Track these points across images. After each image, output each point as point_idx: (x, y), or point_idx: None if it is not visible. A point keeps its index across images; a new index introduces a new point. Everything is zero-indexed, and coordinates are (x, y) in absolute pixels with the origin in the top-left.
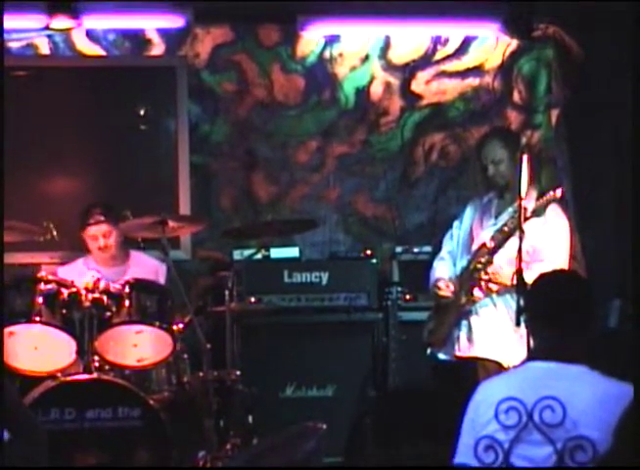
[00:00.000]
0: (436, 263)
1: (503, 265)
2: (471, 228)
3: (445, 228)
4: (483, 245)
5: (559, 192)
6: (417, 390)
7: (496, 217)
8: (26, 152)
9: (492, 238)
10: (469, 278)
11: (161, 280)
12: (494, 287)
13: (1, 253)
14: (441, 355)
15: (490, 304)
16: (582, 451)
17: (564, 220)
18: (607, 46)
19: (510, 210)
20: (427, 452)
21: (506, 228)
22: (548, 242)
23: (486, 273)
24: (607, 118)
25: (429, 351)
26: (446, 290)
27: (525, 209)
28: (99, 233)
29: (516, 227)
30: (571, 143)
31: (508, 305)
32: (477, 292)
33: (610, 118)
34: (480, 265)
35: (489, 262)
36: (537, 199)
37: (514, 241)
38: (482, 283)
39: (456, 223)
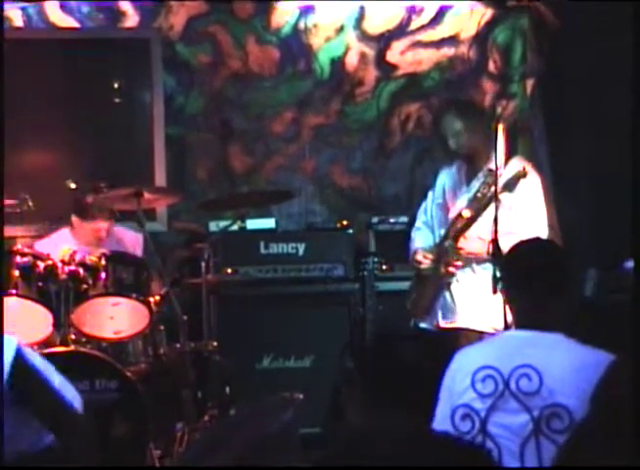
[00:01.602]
0: (414, 234)
1: (474, 236)
2: (444, 197)
3: (422, 199)
4: (459, 215)
5: (528, 167)
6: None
7: (468, 185)
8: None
9: (468, 207)
10: (446, 249)
11: (139, 251)
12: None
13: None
14: (423, 325)
15: (469, 271)
16: (558, 419)
17: (536, 193)
18: (581, 15)
19: (480, 175)
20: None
21: (479, 195)
22: (520, 214)
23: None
24: (581, 88)
25: (412, 321)
26: (424, 261)
27: (497, 176)
28: (97, 226)
29: (489, 196)
30: (546, 112)
31: (488, 271)
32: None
33: (584, 88)
34: (453, 235)
35: (463, 232)
36: (505, 163)
37: (488, 211)
38: (457, 254)
39: (430, 193)
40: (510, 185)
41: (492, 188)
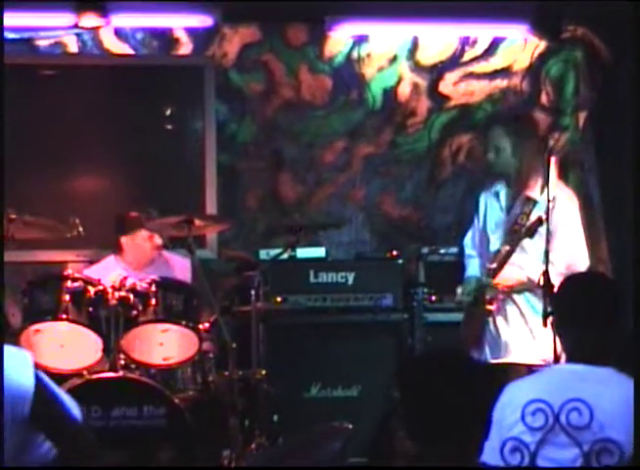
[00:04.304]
0: (467, 261)
1: (515, 266)
2: (485, 224)
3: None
4: (498, 251)
5: (563, 193)
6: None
7: (508, 212)
8: (54, 150)
9: (507, 242)
10: (485, 286)
11: (187, 277)
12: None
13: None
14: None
15: (510, 303)
16: (609, 454)
17: (571, 219)
18: (635, 48)
19: (518, 203)
20: (453, 453)
21: (517, 227)
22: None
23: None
24: (633, 121)
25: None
26: (460, 297)
27: (549, 209)
28: (140, 241)
29: (527, 226)
30: (598, 145)
31: (529, 301)
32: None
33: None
34: (491, 272)
35: (501, 268)
36: (541, 190)
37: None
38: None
39: (475, 219)
40: (531, 233)
41: (530, 225)
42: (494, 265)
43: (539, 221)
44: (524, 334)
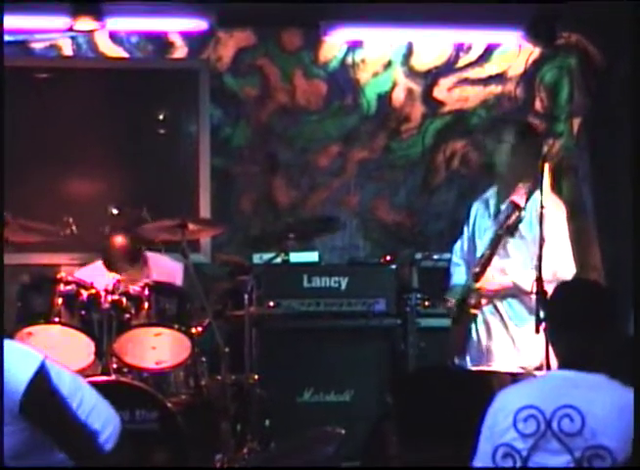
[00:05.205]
0: (452, 269)
1: (498, 270)
2: (474, 232)
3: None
4: (482, 255)
5: (552, 201)
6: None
7: (494, 217)
8: (47, 153)
9: (490, 246)
10: (468, 290)
11: (178, 281)
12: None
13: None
14: (462, 363)
15: (493, 310)
16: (601, 461)
17: (558, 226)
18: (629, 55)
19: (503, 209)
20: (446, 456)
21: (500, 232)
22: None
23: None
24: (628, 128)
25: (450, 360)
26: (450, 303)
27: (542, 215)
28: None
29: (508, 232)
30: (592, 152)
31: (511, 307)
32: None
33: (631, 128)
34: (474, 276)
35: (483, 272)
36: (528, 196)
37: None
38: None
39: (465, 228)
40: (512, 229)
41: (510, 223)
42: (477, 269)
43: (519, 219)
44: (505, 342)
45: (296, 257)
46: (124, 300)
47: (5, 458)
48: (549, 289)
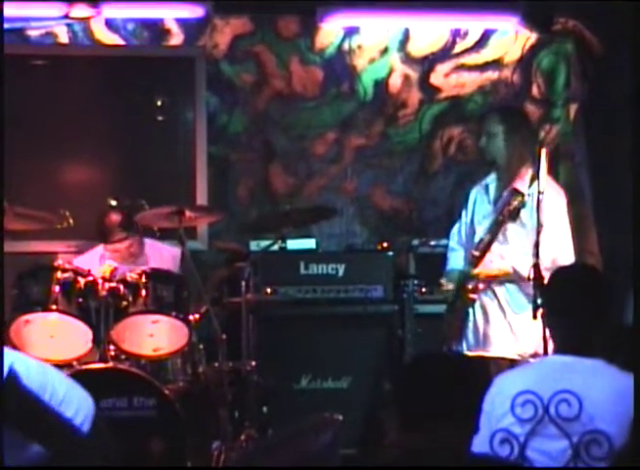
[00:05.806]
0: (449, 254)
1: (497, 256)
2: (473, 217)
3: (458, 219)
4: (480, 240)
5: (551, 188)
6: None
7: (495, 204)
8: (43, 141)
9: (489, 231)
10: (466, 275)
11: (175, 267)
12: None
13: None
14: (456, 348)
15: (491, 295)
16: (598, 446)
17: (558, 213)
18: (626, 41)
19: (505, 195)
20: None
21: (500, 217)
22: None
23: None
24: (625, 114)
25: (446, 345)
26: (446, 287)
27: (540, 201)
28: (122, 247)
29: (509, 217)
30: (588, 138)
31: (509, 293)
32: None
33: (628, 113)
34: (473, 261)
35: (482, 257)
36: (530, 183)
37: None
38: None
39: (463, 213)
40: (513, 216)
41: (512, 208)
42: (477, 253)
43: (521, 204)
44: (502, 328)
45: (293, 244)
46: (122, 287)
47: None
48: (547, 276)
